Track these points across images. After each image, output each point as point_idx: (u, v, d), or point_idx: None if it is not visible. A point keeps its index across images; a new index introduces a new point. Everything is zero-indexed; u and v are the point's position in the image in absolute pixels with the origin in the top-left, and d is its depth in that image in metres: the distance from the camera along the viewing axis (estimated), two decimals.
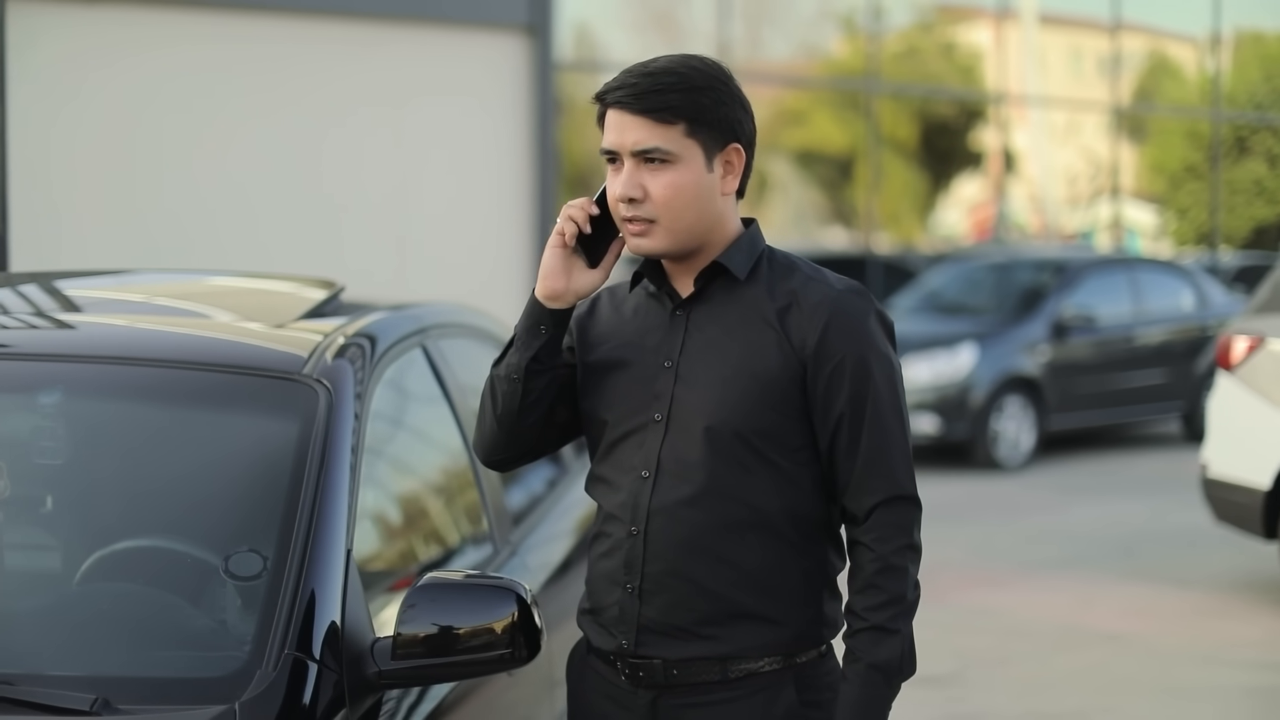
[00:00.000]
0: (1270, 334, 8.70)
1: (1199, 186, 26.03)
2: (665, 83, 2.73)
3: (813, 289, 2.81)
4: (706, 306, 2.84)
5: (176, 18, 12.66)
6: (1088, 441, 15.49)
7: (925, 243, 23.51)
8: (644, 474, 2.81)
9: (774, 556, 2.80)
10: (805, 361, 2.77)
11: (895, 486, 2.79)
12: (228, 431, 3.36)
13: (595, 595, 2.90)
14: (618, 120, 2.76)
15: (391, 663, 2.93)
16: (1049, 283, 15.12)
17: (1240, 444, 8.76)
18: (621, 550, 2.83)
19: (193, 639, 2.97)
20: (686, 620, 2.79)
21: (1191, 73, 26.90)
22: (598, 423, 2.90)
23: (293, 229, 13.04)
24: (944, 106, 23.99)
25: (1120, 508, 11.93)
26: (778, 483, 2.79)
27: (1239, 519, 8.75)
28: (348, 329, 3.65)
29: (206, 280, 4.57)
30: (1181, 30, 26.38)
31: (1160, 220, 26.66)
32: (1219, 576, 9.39)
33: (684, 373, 2.81)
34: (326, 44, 13.24)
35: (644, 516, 2.80)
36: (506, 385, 2.87)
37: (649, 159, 2.75)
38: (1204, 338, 15.54)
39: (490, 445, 2.96)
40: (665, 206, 2.75)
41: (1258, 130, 26.46)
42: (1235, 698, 7.06)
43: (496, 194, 13.92)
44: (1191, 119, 26.06)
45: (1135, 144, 26.02)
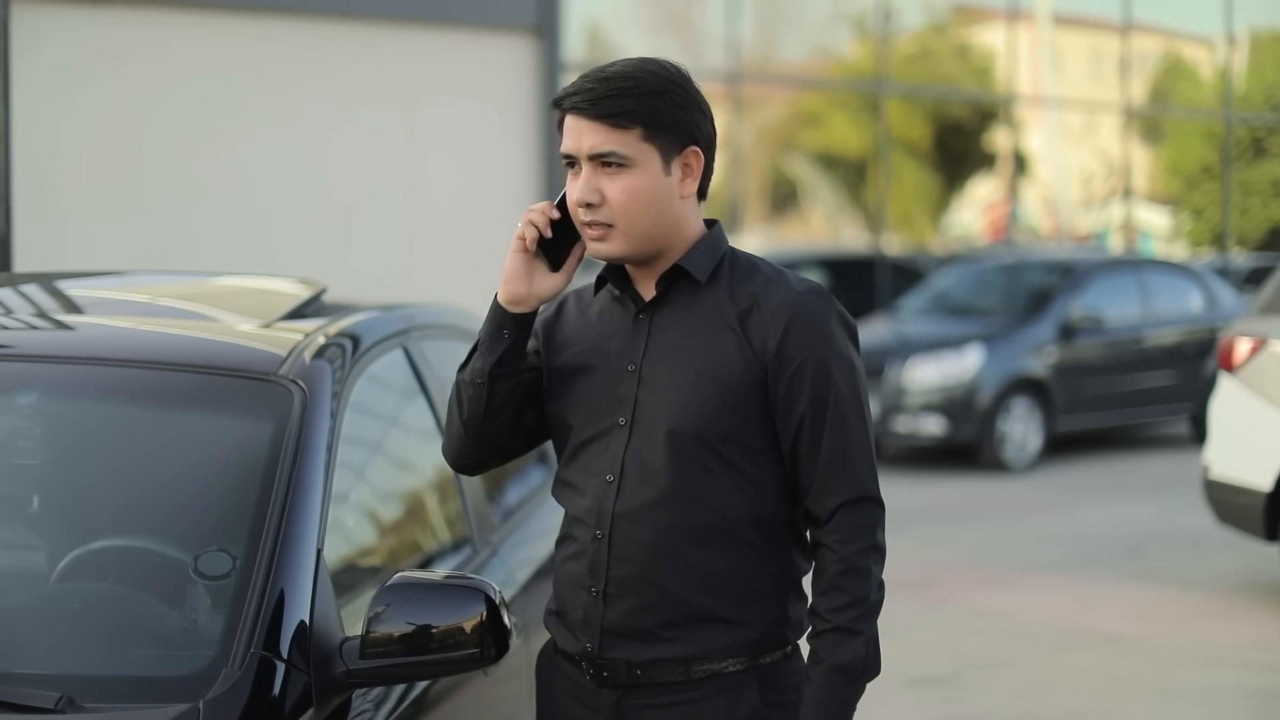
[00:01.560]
0: (1272, 336, 8.68)
1: (1214, 187, 25.98)
2: (621, 87, 2.74)
3: (773, 291, 2.82)
4: (669, 310, 2.85)
5: (182, 19, 12.69)
6: (1095, 443, 15.48)
7: (937, 244, 23.49)
8: (608, 478, 2.82)
9: (738, 560, 2.81)
10: (766, 365, 2.78)
11: (858, 488, 2.79)
12: (202, 432, 3.37)
13: (561, 598, 2.92)
14: (575, 125, 2.77)
15: (360, 662, 2.94)
16: (1057, 284, 15.10)
17: (1242, 446, 8.75)
18: (586, 554, 2.84)
19: (161, 638, 2.98)
20: (650, 623, 2.80)
21: (1206, 73, 26.84)
22: (563, 426, 2.91)
23: (300, 230, 13.06)
24: (957, 107, 23.96)
25: (1126, 509, 11.92)
26: (741, 486, 2.80)
27: (1240, 521, 8.74)
28: (328, 329, 3.66)
29: (188, 281, 4.58)
30: (1196, 31, 26.33)
31: (1174, 222, 26.60)
32: (1221, 578, 9.38)
33: (647, 376, 2.82)
34: (334, 46, 13.26)
35: (608, 521, 2.81)
36: (471, 390, 2.88)
37: (606, 163, 2.75)
38: (1212, 339, 15.48)
39: (458, 449, 2.98)
40: (622, 211, 2.76)
41: (1274, 131, 26.40)
42: (1234, 699, 7.05)
43: (504, 196, 13.93)
44: (1207, 120, 26.01)
45: (1149, 145, 25.97)
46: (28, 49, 10.23)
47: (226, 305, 4.10)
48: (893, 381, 13.94)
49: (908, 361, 14.03)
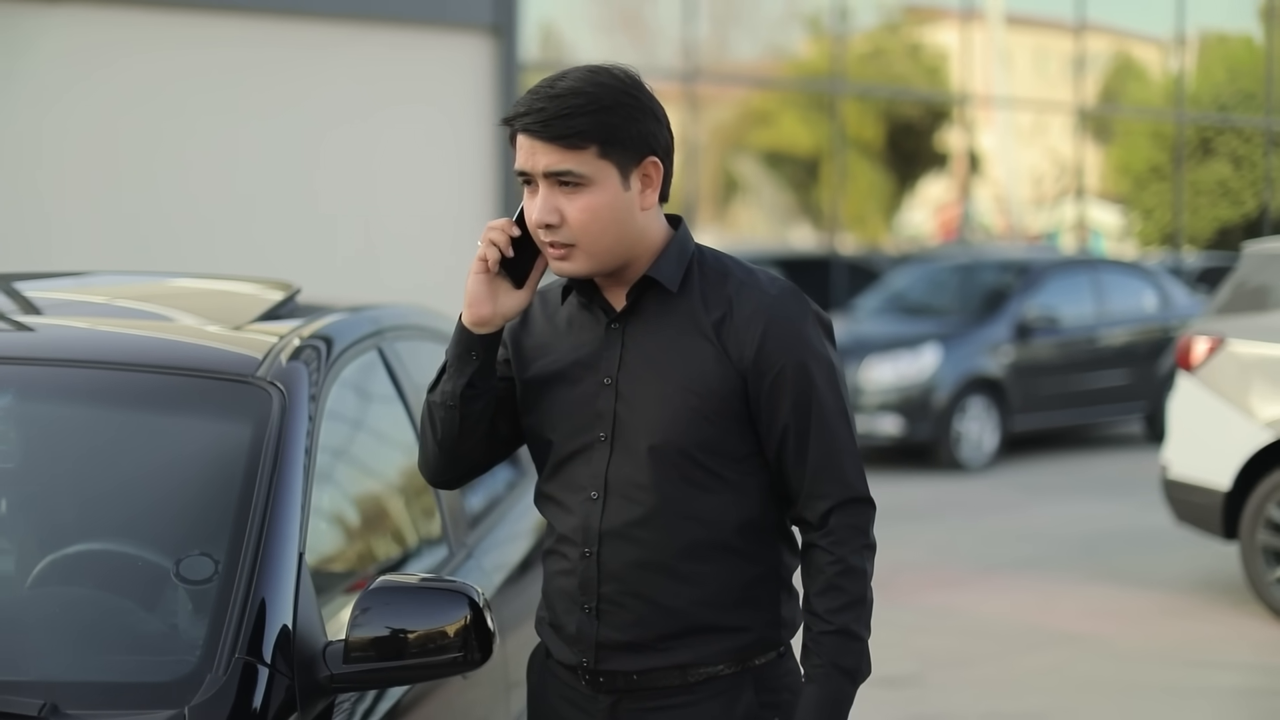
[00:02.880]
0: (1230, 335, 8.73)
1: (1164, 188, 26.13)
2: (572, 105, 2.66)
3: (747, 296, 2.77)
4: (641, 320, 2.80)
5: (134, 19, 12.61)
6: (1051, 442, 15.55)
7: (890, 243, 23.56)
8: (593, 495, 2.79)
9: (729, 568, 2.79)
10: (744, 373, 2.74)
11: (848, 489, 2.77)
12: (180, 434, 3.33)
13: (554, 611, 2.90)
14: (528, 144, 2.69)
15: (343, 666, 2.92)
16: (1012, 284, 15.16)
17: (1200, 445, 8.80)
18: (576, 572, 2.81)
19: (143, 643, 2.95)
20: (645, 637, 2.79)
21: (1156, 74, 27.00)
22: (543, 441, 2.88)
23: (253, 230, 12.99)
24: (909, 107, 24.03)
25: (1083, 508, 11.98)
26: (727, 495, 2.77)
27: (1199, 520, 8.80)
28: (303, 331, 3.64)
29: (162, 282, 4.54)
30: (1146, 31, 26.49)
31: (1125, 221, 26.76)
32: (1180, 577, 9.43)
33: (624, 391, 2.78)
34: (289, 45, 13.20)
35: (596, 538, 2.79)
36: (443, 412, 2.84)
37: (563, 182, 2.69)
38: (1166, 339, 15.61)
39: (435, 468, 2.95)
40: (583, 230, 2.70)
41: (1222, 131, 26.57)
42: (1196, 697, 7.09)
43: (460, 194, 13.89)
44: (1157, 120, 26.16)
45: (1100, 145, 26.12)
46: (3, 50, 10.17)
47: (200, 306, 4.07)
48: (849, 381, 13.95)
49: (864, 361, 14.06)
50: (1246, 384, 8.56)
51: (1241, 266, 9.22)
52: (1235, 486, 8.53)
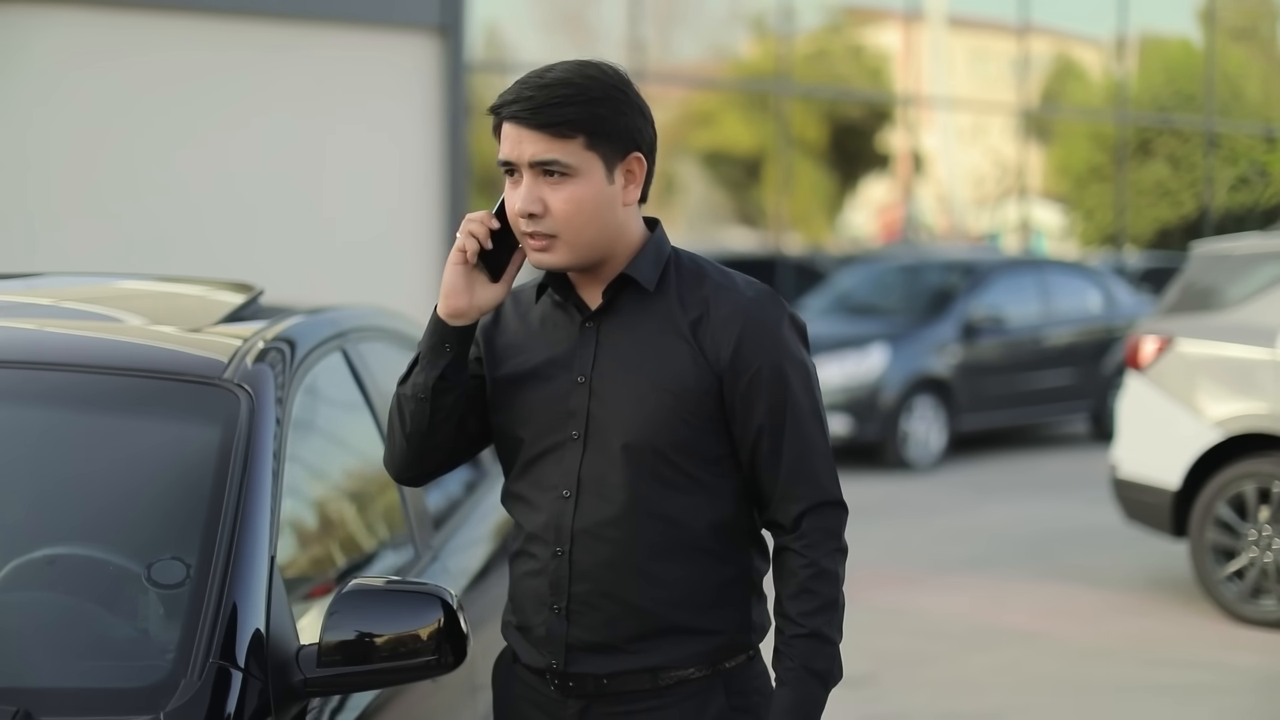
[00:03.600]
0: (1179, 335, 8.80)
1: (1104, 188, 26.30)
2: (562, 95, 2.66)
3: (723, 298, 2.77)
4: (616, 318, 2.79)
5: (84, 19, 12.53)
6: (997, 441, 15.63)
7: (834, 244, 23.63)
8: (564, 493, 2.77)
9: (700, 569, 2.78)
10: (720, 374, 2.74)
11: (821, 493, 2.77)
12: (147, 437, 3.29)
13: (521, 613, 2.87)
14: (514, 133, 2.69)
15: (317, 670, 2.89)
16: (958, 284, 15.23)
17: (1150, 444, 8.86)
18: (547, 572, 2.79)
19: (115, 648, 2.91)
20: (616, 638, 2.77)
21: (1097, 75, 27.18)
22: (513, 439, 2.86)
23: (201, 230, 12.91)
24: (853, 108, 24.11)
25: (1031, 507, 12.04)
26: (700, 496, 2.76)
27: (1149, 518, 8.86)
28: (267, 333, 3.61)
29: (123, 284, 4.50)
30: (1088, 33, 26.66)
31: (1067, 221, 26.92)
32: (1129, 575, 9.49)
33: (598, 388, 2.77)
34: (237, 46, 13.12)
35: (568, 537, 2.77)
36: (414, 405, 2.82)
37: (548, 172, 2.68)
38: (1111, 339, 15.73)
39: (401, 463, 2.92)
40: (566, 221, 2.69)
41: (1161, 133, 26.77)
42: (1149, 695, 7.13)
43: (408, 194, 13.85)
44: (1097, 121, 26.32)
45: (1042, 146, 26.26)
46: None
47: (163, 308, 4.04)
48: None
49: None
50: (1195, 384, 8.62)
51: (1190, 267, 9.28)
52: (1184, 485, 8.59)
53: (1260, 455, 8.40)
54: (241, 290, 4.09)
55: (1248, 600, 8.34)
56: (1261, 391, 8.34)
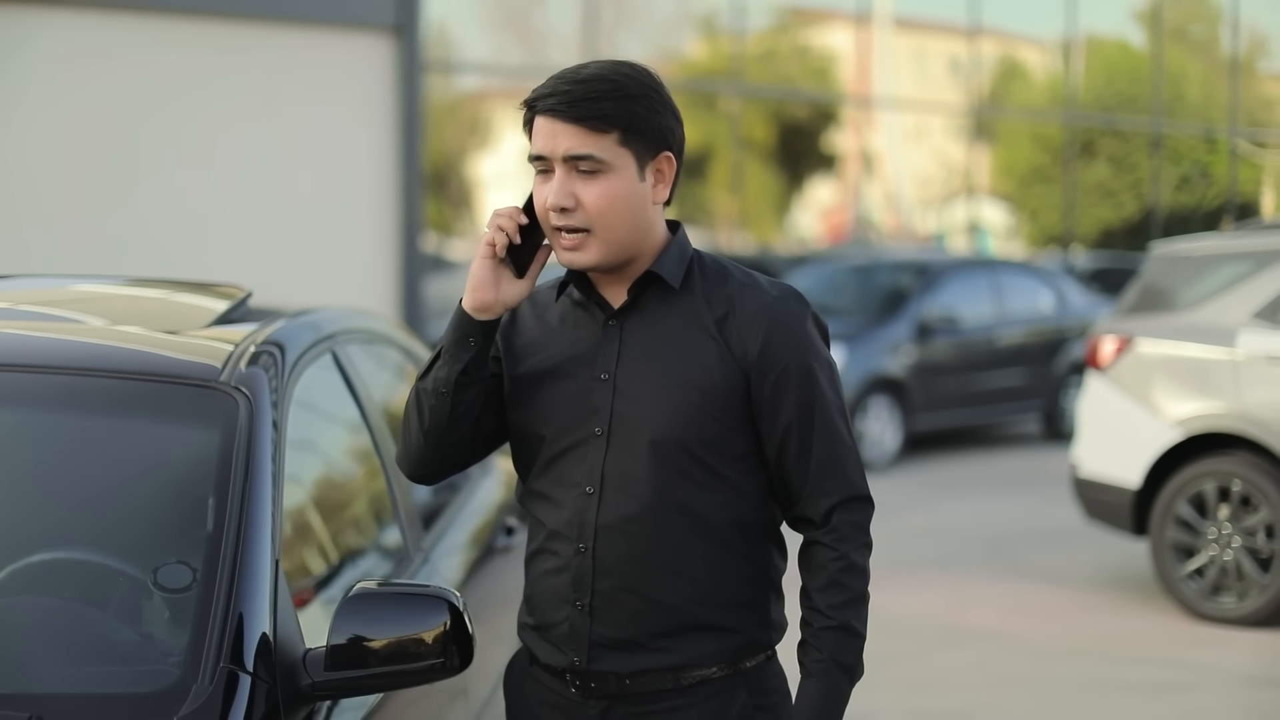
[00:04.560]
0: (1138, 335, 8.86)
1: (1048, 189, 26.47)
2: (599, 90, 2.69)
3: (749, 296, 2.79)
4: (641, 316, 2.80)
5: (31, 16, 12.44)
6: (951, 441, 15.71)
7: (782, 244, 23.69)
8: (588, 490, 2.78)
9: (723, 566, 2.79)
10: (748, 371, 2.75)
11: (850, 488, 2.80)
12: (146, 441, 3.28)
13: (541, 612, 2.87)
14: (549, 127, 2.70)
15: (325, 674, 2.89)
16: (911, 284, 15.29)
17: (1110, 443, 8.93)
18: (569, 569, 2.79)
19: (124, 653, 2.90)
20: (639, 634, 2.77)
21: (1041, 77, 27.35)
22: (533, 437, 2.85)
23: (155, 230, 12.84)
24: (800, 109, 24.18)
25: (988, 506, 12.10)
26: (724, 493, 2.77)
27: (1109, 517, 8.92)
28: (259, 336, 3.59)
29: (108, 287, 4.47)
30: (1034, 34, 26.82)
31: (1013, 221, 27.08)
32: (1089, 573, 9.56)
33: (622, 385, 2.77)
34: (192, 46, 13.05)
35: (591, 533, 2.77)
36: (434, 399, 2.81)
37: (581, 168, 2.70)
38: (1062, 339, 15.83)
39: (417, 459, 2.91)
40: (599, 216, 2.71)
41: (1104, 134, 26.97)
42: (1114, 692, 7.18)
43: (363, 194, 13.81)
44: (1044, 122, 26.48)
45: (988, 146, 26.41)
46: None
47: (151, 311, 4.02)
48: None
49: None
50: (1155, 383, 8.69)
51: (1149, 267, 9.36)
52: (1145, 484, 8.66)
53: (1220, 454, 8.47)
54: (230, 292, 4.07)
55: (1208, 598, 8.41)
56: (1221, 391, 8.41)
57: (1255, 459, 8.34)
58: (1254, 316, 8.36)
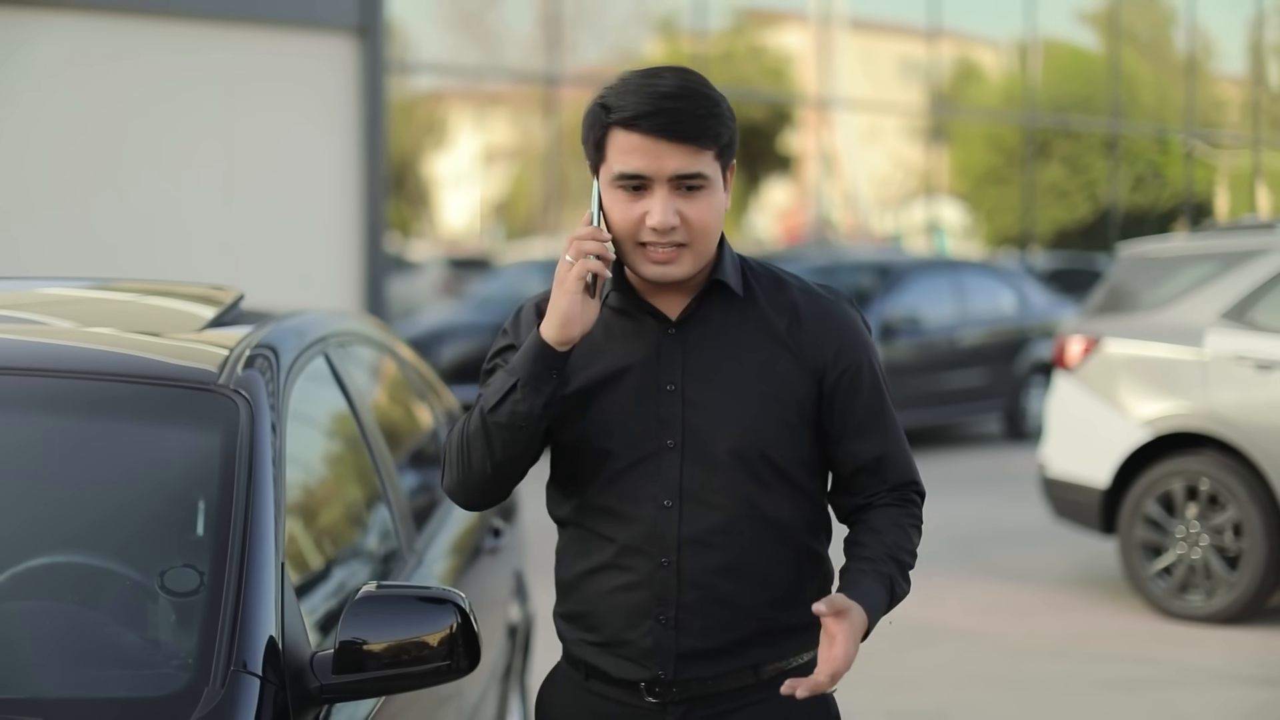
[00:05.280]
0: (1106, 335, 8.92)
1: (1003, 190, 26.60)
2: (705, 107, 2.68)
3: (810, 302, 2.84)
4: (703, 325, 2.80)
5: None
6: (914, 441, 15.70)
7: (739, 245, 23.72)
8: (665, 503, 2.77)
9: (799, 569, 2.84)
10: (820, 377, 2.80)
11: (913, 475, 2.90)
12: (146, 443, 3.28)
13: (609, 628, 2.83)
14: (651, 146, 2.66)
15: (333, 676, 2.89)
16: (874, 285, 15.34)
17: (1079, 443, 8.98)
18: (649, 584, 2.78)
19: (134, 657, 2.90)
20: (724, 642, 2.79)
21: (998, 78, 27.48)
22: (595, 452, 2.80)
23: (118, 230, 12.78)
24: (759, 110, 24.23)
25: (954, 506, 12.14)
26: (796, 498, 2.82)
27: (1078, 516, 8.98)
28: (254, 338, 3.59)
29: (102, 290, 4.45)
30: (991, 36, 26.95)
31: (969, 221, 27.21)
32: (1058, 572, 9.62)
33: (691, 396, 2.77)
34: (154, 45, 13.00)
35: (674, 547, 2.76)
36: (509, 433, 2.71)
37: (687, 185, 2.69)
38: (1024, 339, 15.92)
39: (479, 491, 2.82)
40: (701, 231, 2.70)
41: (1058, 135, 27.13)
42: (1089, 689, 7.23)
43: (327, 196, 13.77)
44: (1001, 123, 26.60)
45: (945, 148, 26.52)
46: None
47: (145, 314, 4.01)
48: None
49: None
50: (1123, 384, 8.75)
51: (1116, 268, 9.42)
52: (1114, 483, 8.71)
53: (1188, 453, 8.54)
54: (221, 295, 4.06)
55: (1176, 596, 8.48)
56: (1189, 391, 8.48)
57: (1223, 458, 8.40)
58: (1221, 317, 8.43)
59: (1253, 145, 29.46)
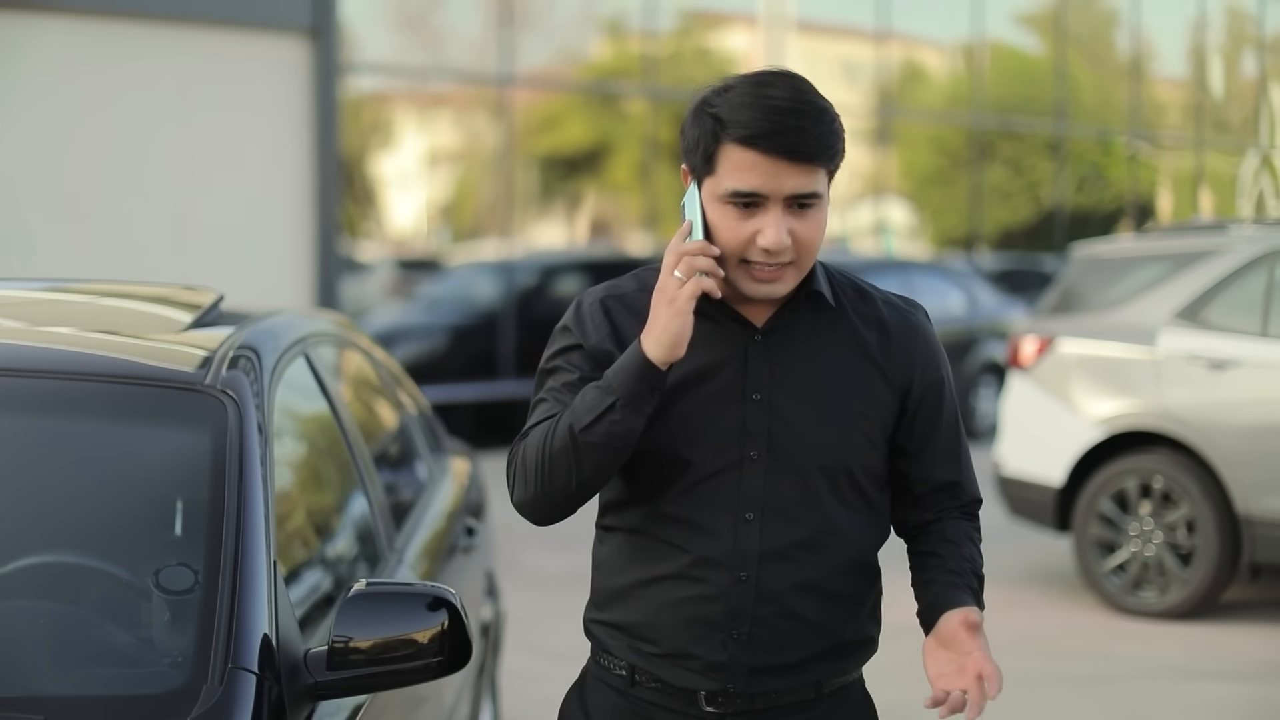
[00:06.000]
0: (1060, 335, 9.02)
1: (947, 191, 26.73)
2: (827, 126, 2.59)
3: (895, 315, 2.79)
4: (792, 336, 2.71)
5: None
6: None
7: None
8: (747, 516, 2.68)
9: (866, 586, 2.82)
10: (904, 394, 2.77)
11: (977, 491, 2.92)
12: (136, 444, 3.30)
13: (673, 639, 2.73)
14: (770, 166, 2.55)
15: (327, 673, 2.92)
16: None
17: (1033, 442, 9.07)
18: (723, 597, 2.69)
19: (132, 655, 2.92)
20: (794, 658, 2.74)
21: (945, 80, 27.62)
22: (674, 460, 2.68)
23: (70, 231, 12.72)
24: None
25: None
26: (870, 514, 2.79)
27: (1033, 514, 9.07)
28: (236, 339, 3.61)
29: (82, 291, 4.45)
30: (939, 38, 27.09)
31: (915, 222, 27.34)
32: (1012, 570, 9.70)
33: (778, 407, 2.68)
34: (106, 46, 12.95)
35: (754, 561, 2.68)
36: (604, 453, 2.58)
37: (801, 204, 2.60)
38: (973, 339, 16.04)
39: (556, 508, 2.69)
40: (809, 250, 2.62)
41: (1001, 137, 27.28)
42: (1048, 685, 7.31)
43: (280, 197, 13.75)
44: (946, 125, 26.74)
45: (890, 150, 26.65)
46: None
47: (126, 315, 4.02)
48: None
49: None
50: (1077, 383, 8.84)
51: (1070, 268, 9.52)
52: (1069, 482, 8.80)
53: (1141, 452, 8.63)
54: (201, 296, 4.08)
55: (1130, 592, 8.58)
56: (1142, 390, 8.58)
57: (1176, 456, 8.50)
58: (1175, 317, 8.53)
59: (1195, 147, 29.71)
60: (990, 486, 9.65)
